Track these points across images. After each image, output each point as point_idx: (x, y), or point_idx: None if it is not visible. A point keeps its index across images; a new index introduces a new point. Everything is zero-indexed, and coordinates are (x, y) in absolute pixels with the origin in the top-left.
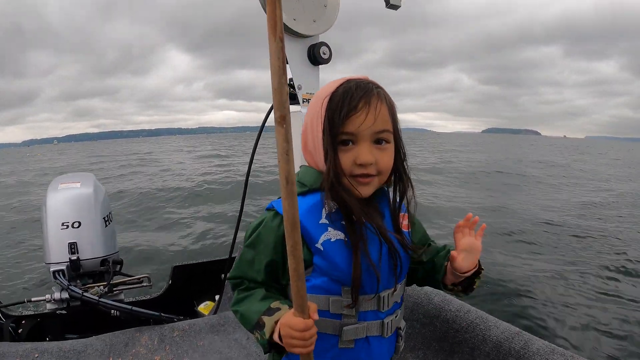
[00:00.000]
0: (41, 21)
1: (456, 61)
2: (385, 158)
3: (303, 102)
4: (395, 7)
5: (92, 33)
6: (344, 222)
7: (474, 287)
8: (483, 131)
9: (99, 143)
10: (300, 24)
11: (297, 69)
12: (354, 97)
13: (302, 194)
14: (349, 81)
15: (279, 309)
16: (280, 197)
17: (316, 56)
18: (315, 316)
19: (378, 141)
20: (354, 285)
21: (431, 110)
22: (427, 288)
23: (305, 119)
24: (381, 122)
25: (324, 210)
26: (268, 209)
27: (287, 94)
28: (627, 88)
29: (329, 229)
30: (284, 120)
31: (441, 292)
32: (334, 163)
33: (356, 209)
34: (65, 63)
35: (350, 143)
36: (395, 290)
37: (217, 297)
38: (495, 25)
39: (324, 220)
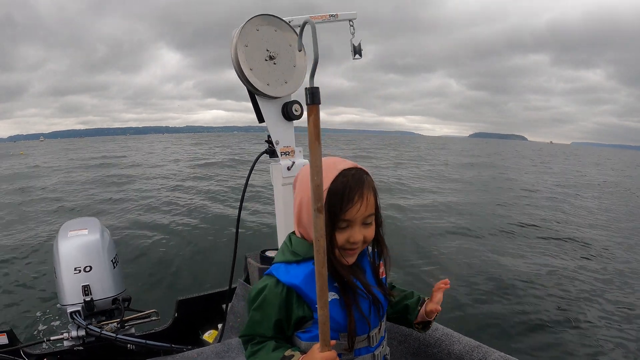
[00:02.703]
0: (32, 13)
1: (445, 66)
2: (370, 233)
3: (281, 155)
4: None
5: (82, 27)
6: (336, 285)
7: (430, 325)
8: (470, 135)
9: (85, 140)
10: (273, 87)
11: (273, 125)
12: (352, 191)
13: (296, 262)
14: (344, 174)
15: (292, 356)
16: (276, 263)
17: (289, 113)
18: (333, 342)
19: (365, 220)
20: (350, 336)
21: (419, 114)
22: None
23: (299, 196)
24: (370, 208)
25: None
26: (267, 275)
27: (322, 188)
28: (613, 96)
29: None
30: (322, 210)
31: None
32: (330, 241)
33: (347, 276)
34: (54, 57)
35: (344, 225)
36: (380, 327)
37: (219, 325)
38: (486, 33)
39: None
